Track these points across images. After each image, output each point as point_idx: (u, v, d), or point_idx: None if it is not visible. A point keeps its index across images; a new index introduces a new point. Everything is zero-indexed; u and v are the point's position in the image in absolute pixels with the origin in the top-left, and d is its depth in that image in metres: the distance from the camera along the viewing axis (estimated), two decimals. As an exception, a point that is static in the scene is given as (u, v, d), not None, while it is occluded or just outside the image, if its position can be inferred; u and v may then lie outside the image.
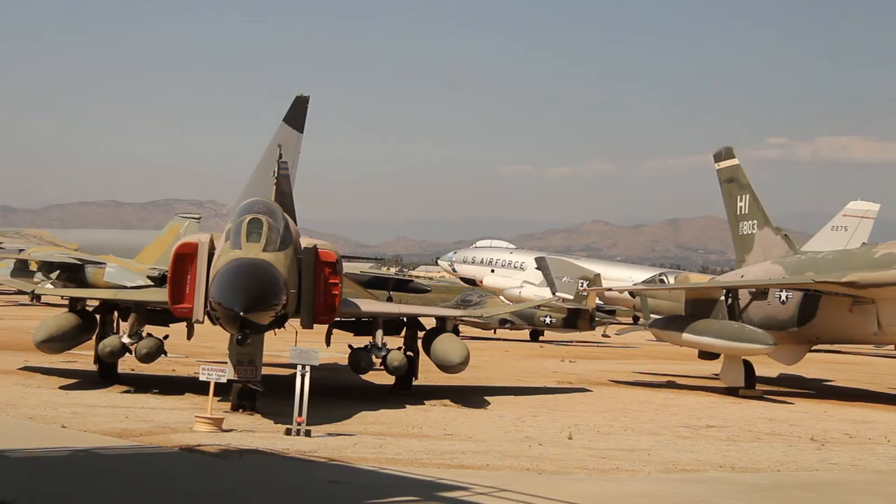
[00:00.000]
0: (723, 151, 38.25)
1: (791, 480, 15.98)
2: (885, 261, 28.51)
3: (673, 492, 14.44)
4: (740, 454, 18.73)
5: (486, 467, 16.06)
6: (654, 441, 20.01)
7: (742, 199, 36.99)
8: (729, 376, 30.17)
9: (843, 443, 20.82)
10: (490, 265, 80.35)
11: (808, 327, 30.81)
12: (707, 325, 30.60)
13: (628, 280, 66.42)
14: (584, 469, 16.29)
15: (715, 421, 23.63)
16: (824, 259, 32.03)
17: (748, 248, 36.49)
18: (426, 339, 26.69)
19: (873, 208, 52.24)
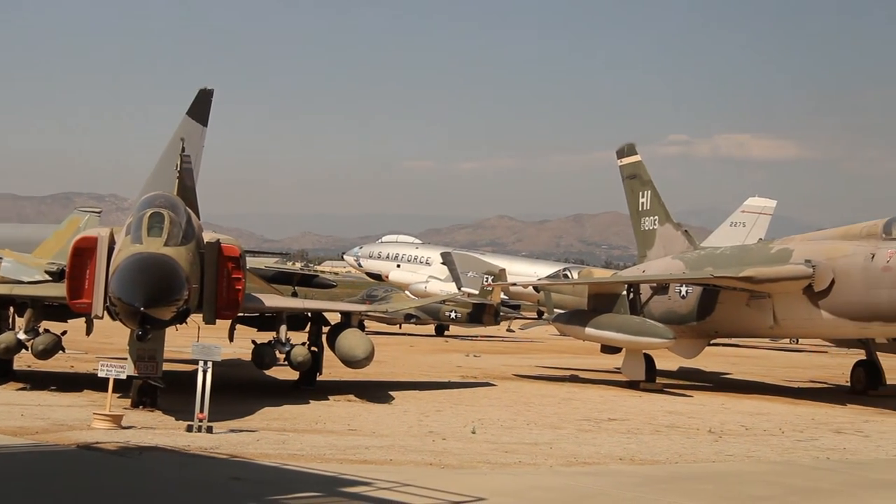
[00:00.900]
0: (625, 148, 38.77)
1: (689, 472, 16.27)
2: (780, 256, 29.15)
3: (574, 485, 14.61)
4: (640, 447, 19.01)
5: (390, 462, 16.08)
6: (557, 435, 20.21)
7: (644, 195, 37.55)
8: (630, 370, 30.59)
9: (739, 434, 21.24)
10: (396, 260, 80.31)
11: (707, 321, 31.37)
12: (609, 319, 30.95)
13: (533, 275, 66.81)
14: (487, 463, 16.39)
15: (616, 414, 23.94)
16: (723, 254, 32.67)
17: (650, 243, 37.06)
18: (331, 334, 26.60)
19: (770, 204, 53.34)
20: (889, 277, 25.56)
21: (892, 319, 26.01)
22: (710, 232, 57.37)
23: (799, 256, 28.37)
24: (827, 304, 27.35)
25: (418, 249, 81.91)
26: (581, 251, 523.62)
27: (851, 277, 26.65)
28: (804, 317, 28.25)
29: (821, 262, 27.47)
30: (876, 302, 26.02)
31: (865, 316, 26.60)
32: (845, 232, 28.02)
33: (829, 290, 27.20)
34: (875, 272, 25.98)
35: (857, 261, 26.61)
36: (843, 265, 26.96)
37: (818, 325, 28.34)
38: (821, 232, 30.09)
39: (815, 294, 27.55)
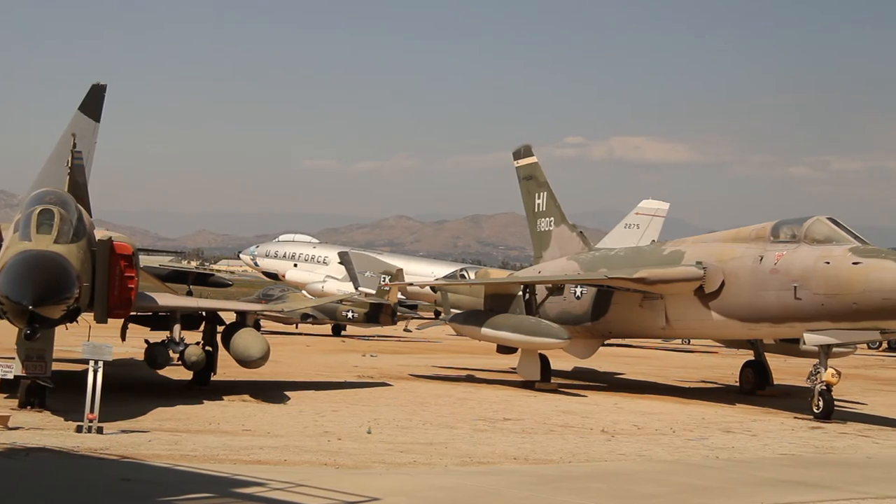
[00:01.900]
0: (522, 149, 39.07)
1: (581, 471, 16.45)
2: (672, 258, 29.66)
3: (468, 484, 14.67)
4: (534, 446, 19.16)
5: (284, 462, 15.97)
6: (452, 434, 20.27)
7: (540, 196, 37.89)
8: (525, 370, 30.82)
9: (631, 434, 21.55)
10: (293, 259, 79.77)
11: (602, 322, 31.78)
12: (505, 319, 31.14)
13: (430, 275, 66.97)
14: (382, 463, 16.37)
15: (511, 414, 24.10)
16: (616, 256, 33.12)
17: (545, 244, 37.41)
18: (226, 333, 26.34)
19: (663, 207, 54.06)
20: (776, 279, 26.14)
21: (779, 321, 26.60)
22: (605, 233, 57.97)
23: (690, 258, 28.89)
24: (717, 306, 27.89)
25: (316, 249, 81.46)
26: (478, 251, 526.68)
27: (740, 279, 27.22)
28: (695, 318, 28.76)
29: (711, 264, 28.00)
30: (764, 303, 26.60)
31: (754, 317, 27.17)
32: (735, 234, 28.61)
33: (720, 291, 27.73)
34: (763, 274, 26.56)
35: (746, 263, 27.18)
36: (732, 267, 27.52)
37: (708, 325, 28.86)
38: (712, 234, 30.67)
39: (705, 295, 28.07)
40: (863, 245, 25.35)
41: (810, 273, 25.35)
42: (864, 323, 24.86)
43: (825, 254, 25.30)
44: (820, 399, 25.14)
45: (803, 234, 26.15)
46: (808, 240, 25.98)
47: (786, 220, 27.20)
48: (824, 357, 25.46)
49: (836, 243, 25.46)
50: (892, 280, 23.81)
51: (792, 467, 17.69)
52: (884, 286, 23.93)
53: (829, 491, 15.10)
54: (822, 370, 25.14)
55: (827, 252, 25.31)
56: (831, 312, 25.03)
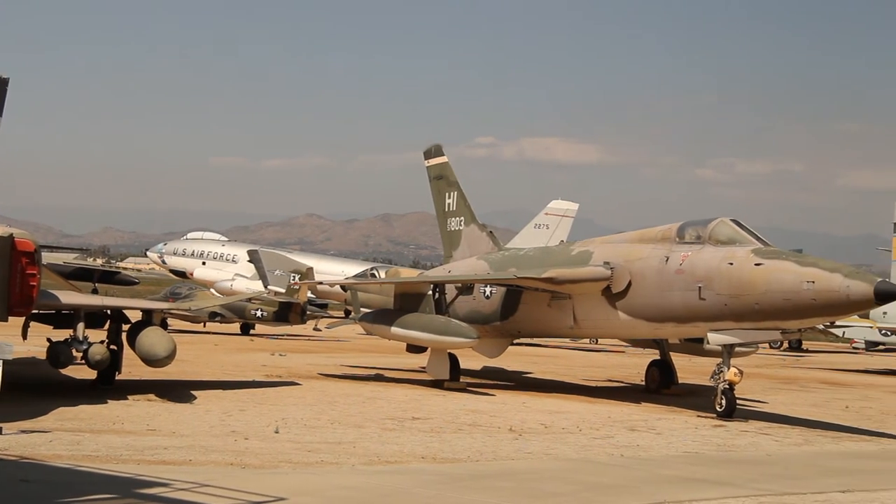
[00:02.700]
0: (432, 149, 39.15)
1: (489, 470, 16.53)
2: (580, 258, 29.94)
3: (375, 483, 14.66)
4: (442, 445, 19.21)
5: (189, 462, 15.79)
6: (360, 434, 20.23)
7: (450, 196, 37.99)
8: (435, 369, 30.87)
9: (538, 432, 21.70)
10: (201, 257, 78.97)
11: (511, 321, 31.95)
12: (415, 318, 31.16)
13: (341, 274, 66.78)
14: (289, 463, 16.28)
15: (420, 413, 24.12)
16: (526, 256, 33.35)
17: (456, 243, 37.52)
18: (131, 332, 25.93)
19: (572, 207, 54.63)
20: (682, 280, 26.54)
21: (684, 320, 27.00)
22: (516, 233, 58.42)
23: (598, 258, 29.19)
24: (624, 306, 28.22)
25: (225, 247, 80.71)
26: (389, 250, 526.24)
27: (647, 279, 27.57)
28: (602, 317, 29.06)
29: (619, 265, 28.32)
30: (669, 303, 26.98)
31: (659, 317, 27.54)
32: (642, 235, 28.98)
33: (626, 291, 28.06)
34: (669, 275, 26.94)
35: (652, 263, 27.54)
36: (639, 267, 27.87)
37: (615, 325, 29.18)
38: (619, 235, 31.02)
39: (612, 295, 28.38)
40: (765, 246, 25.85)
41: (714, 274, 25.79)
42: (766, 323, 25.36)
43: (729, 255, 25.75)
44: (723, 398, 25.57)
45: (707, 236, 26.59)
46: (712, 241, 26.42)
47: (691, 221, 27.63)
48: (727, 356, 25.91)
49: (739, 244, 25.93)
50: (793, 281, 24.32)
51: (694, 465, 17.97)
52: (784, 287, 24.43)
53: (730, 488, 15.38)
54: (725, 369, 25.58)
55: (730, 253, 25.77)
56: (734, 312, 25.49)
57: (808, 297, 24.12)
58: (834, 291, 23.84)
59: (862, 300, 23.88)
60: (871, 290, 23.53)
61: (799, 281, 24.21)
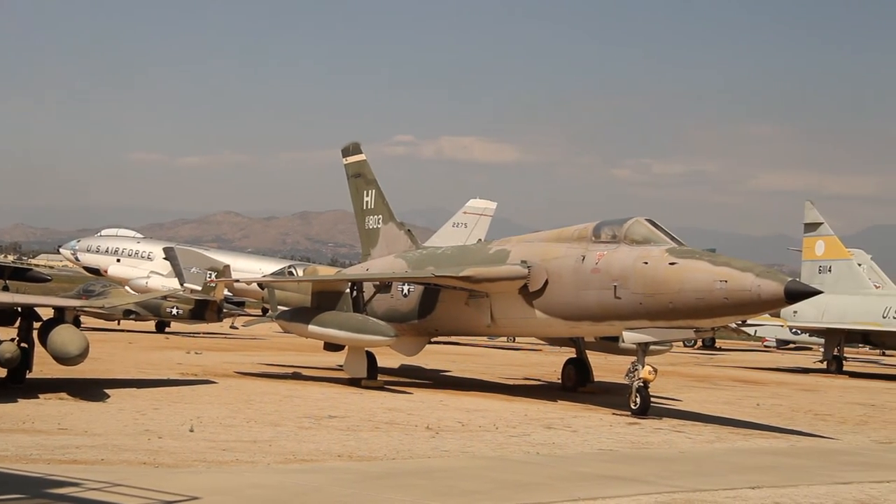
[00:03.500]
0: (350, 147, 39.07)
1: (405, 468, 16.54)
2: (498, 257, 30.08)
3: (290, 482, 14.58)
4: (359, 443, 19.17)
5: (102, 462, 15.56)
6: (276, 432, 20.10)
7: (368, 194, 37.94)
8: (352, 367, 30.79)
9: (455, 431, 21.75)
10: (116, 254, 77.95)
11: (428, 320, 32.00)
12: (332, 317, 31.07)
13: (258, 272, 66.38)
14: (204, 461, 16.12)
15: (337, 411, 24.04)
16: (444, 254, 33.42)
17: (374, 242, 37.49)
18: (43, 329, 25.47)
19: (491, 206, 54.95)
20: (597, 279, 26.79)
21: (600, 319, 27.25)
22: (434, 232, 58.57)
23: (516, 257, 29.36)
24: (540, 304, 28.41)
25: (140, 244, 79.73)
26: (307, 248, 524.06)
27: (563, 278, 27.78)
28: (519, 316, 29.22)
29: (536, 263, 28.51)
30: (585, 302, 27.22)
31: (575, 315, 27.77)
32: (559, 234, 29.20)
33: (543, 290, 28.25)
34: (585, 274, 27.18)
35: (568, 262, 27.76)
36: (555, 266, 28.07)
37: (532, 324, 29.37)
38: (536, 234, 31.21)
39: (529, 294, 28.56)
40: (679, 246, 26.20)
41: (629, 273, 26.08)
42: (680, 322, 25.68)
43: (644, 254, 26.06)
44: (637, 395, 25.85)
45: (623, 235, 26.87)
46: (627, 240, 26.71)
47: (607, 220, 27.90)
48: (642, 355, 26.20)
49: (654, 244, 26.25)
50: (706, 280, 24.68)
51: (609, 462, 18.15)
52: (698, 286, 24.78)
53: (643, 485, 15.56)
54: (640, 367, 25.85)
55: (645, 252, 26.08)
56: (649, 311, 25.79)
57: (721, 296, 24.48)
58: (746, 291, 24.23)
59: (773, 299, 24.30)
60: (781, 290, 23.96)
61: (712, 280, 24.58)
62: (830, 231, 54.34)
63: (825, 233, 54.15)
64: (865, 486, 15.87)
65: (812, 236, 54.54)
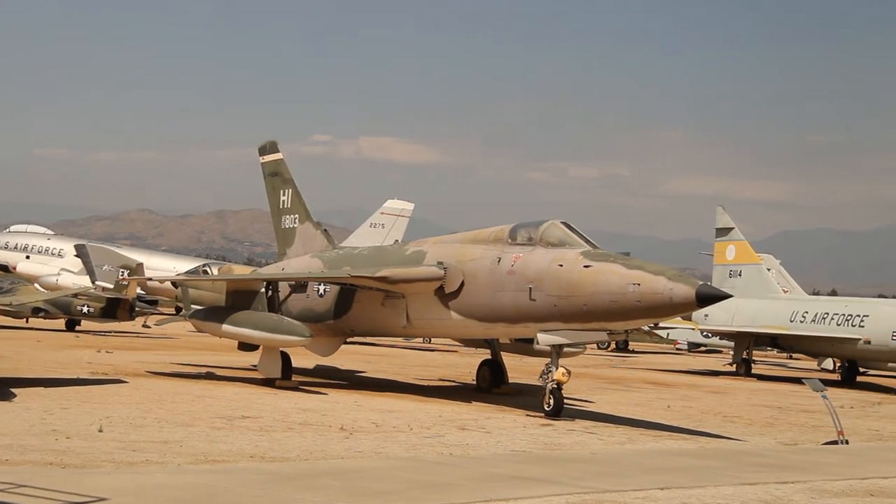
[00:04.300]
0: (267, 145, 38.83)
1: (318, 468, 16.46)
2: (414, 258, 30.11)
3: (201, 483, 14.41)
4: (272, 444, 19.06)
5: (6, 462, 15.28)
6: (188, 432, 19.90)
7: (285, 193, 37.72)
8: (266, 367, 30.59)
9: (369, 431, 21.73)
10: (25, 251, 76.50)
11: (344, 320, 31.91)
12: (247, 316, 30.88)
13: (172, 270, 65.70)
14: (113, 462, 15.91)
15: (250, 412, 23.87)
16: (360, 254, 33.35)
17: (290, 241, 37.28)
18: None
19: (408, 207, 54.96)
20: (513, 281, 26.94)
21: (515, 321, 27.41)
22: (351, 232, 58.42)
23: (432, 258, 29.40)
24: (456, 305, 28.49)
25: (50, 241, 78.33)
26: (223, 247, 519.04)
27: (479, 280, 27.90)
28: (435, 317, 29.28)
29: (452, 265, 28.59)
30: (500, 304, 27.36)
31: (491, 317, 27.90)
32: (475, 236, 29.31)
33: (459, 291, 28.34)
34: (500, 275, 27.32)
35: (484, 264, 27.88)
36: (471, 268, 28.18)
37: (448, 325, 29.46)
38: (453, 235, 31.31)
39: (445, 295, 28.63)
40: (593, 249, 26.46)
41: (544, 275, 26.27)
42: (594, 324, 25.95)
43: (559, 257, 26.27)
44: (551, 397, 26.04)
45: (539, 238, 27.07)
46: (543, 243, 26.91)
47: (523, 223, 28.08)
48: (556, 356, 26.41)
49: (568, 247, 26.48)
50: (619, 283, 24.96)
51: (521, 463, 18.24)
52: (611, 289, 25.06)
53: (555, 486, 15.65)
54: (554, 369, 26.05)
55: (560, 255, 26.29)
56: (563, 313, 26.00)
57: (634, 298, 24.78)
58: (658, 294, 24.55)
59: (684, 302, 24.66)
60: (692, 293, 24.32)
61: (625, 283, 24.86)
62: (741, 236, 55.33)
63: (736, 237, 55.10)
64: (771, 487, 16.14)
65: (723, 241, 55.47)
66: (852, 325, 46.13)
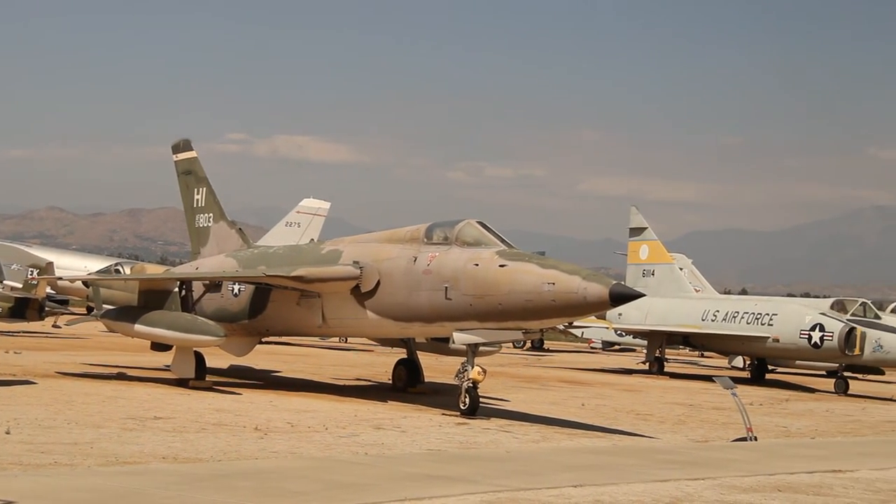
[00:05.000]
0: (181, 143, 38.39)
1: (231, 469, 16.32)
2: (330, 257, 30.01)
3: (112, 485, 14.21)
4: (185, 445, 18.86)
5: None
6: (99, 434, 19.61)
7: (199, 191, 37.32)
8: (180, 368, 30.27)
9: (284, 431, 21.61)
10: (-70, 250, 74.68)
11: (259, 320, 31.69)
12: (160, 316, 30.52)
13: (83, 269, 64.70)
14: (20, 464, 15.62)
15: (163, 412, 23.59)
16: (276, 254, 33.14)
17: (204, 240, 36.90)
18: None
19: (324, 206, 54.67)
20: (429, 280, 26.98)
21: (431, 320, 27.45)
22: (267, 231, 58.00)
23: (348, 258, 29.32)
24: (372, 305, 28.45)
25: (-43, 239, 76.64)
26: (136, 246, 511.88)
27: (395, 279, 27.89)
28: (351, 316, 29.20)
29: (368, 264, 28.53)
30: (416, 303, 27.38)
31: (407, 316, 27.91)
32: (391, 235, 29.29)
33: (375, 291, 28.30)
34: (416, 275, 27.34)
35: (400, 264, 27.88)
36: (387, 267, 28.16)
37: (364, 324, 29.39)
38: (369, 234, 31.26)
39: (361, 295, 28.57)
40: (509, 249, 26.60)
41: (460, 274, 26.34)
42: (509, 323, 26.09)
43: (474, 256, 26.36)
44: (466, 396, 26.12)
45: (455, 237, 27.14)
46: (459, 242, 26.98)
47: (439, 222, 28.14)
48: (472, 355, 26.48)
49: (484, 246, 26.58)
50: (534, 282, 25.12)
51: (437, 462, 18.27)
52: (526, 288, 25.21)
53: (470, 484, 15.70)
54: (470, 368, 26.12)
55: (476, 255, 26.38)
56: (479, 313, 26.10)
57: (549, 298, 24.96)
58: (572, 293, 24.76)
59: (598, 302, 24.90)
60: (606, 293, 24.57)
61: (540, 282, 25.03)
62: (654, 236, 56.01)
63: (649, 237, 55.77)
64: (681, 484, 16.38)
65: (637, 240, 56.10)
66: (761, 323, 46.93)
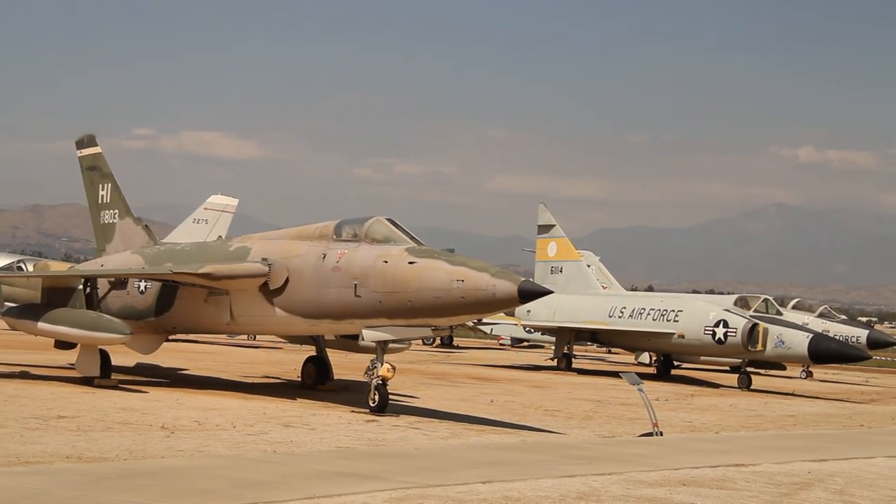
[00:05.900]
0: (85, 139, 37.81)
1: (138, 468, 16.16)
2: (238, 254, 29.79)
3: (14, 485, 13.97)
4: (90, 444, 18.60)
5: None
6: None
7: (104, 187, 36.80)
8: (84, 366, 29.82)
9: (192, 430, 21.42)
10: None
11: (166, 317, 31.37)
12: (64, 314, 30.05)
13: (-16, 266, 63.18)
14: (-82, 467, 15.25)
15: (67, 411, 23.23)
16: (183, 251, 32.81)
17: (109, 237, 36.41)
18: None
19: (232, 203, 54.16)
20: (338, 277, 26.93)
21: (340, 317, 27.40)
22: (174, 227, 57.29)
23: (256, 255, 29.15)
24: (281, 302, 28.32)
25: None
26: (40, 243, 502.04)
27: (304, 276, 27.80)
28: (260, 314, 29.04)
29: (277, 261, 28.39)
30: (325, 300, 27.32)
31: (316, 314, 27.83)
32: (300, 232, 29.17)
33: (284, 288, 28.18)
34: (325, 272, 27.28)
35: (309, 261, 27.79)
36: (296, 264, 28.05)
37: (273, 322, 29.23)
38: (278, 231, 31.10)
39: (270, 292, 28.42)
40: (418, 246, 26.66)
41: (369, 271, 26.34)
42: (419, 320, 26.16)
43: (384, 253, 26.37)
44: (376, 393, 26.13)
45: (364, 234, 27.12)
46: (368, 239, 26.97)
47: (348, 219, 28.10)
48: (381, 353, 26.50)
49: (393, 243, 26.61)
50: (443, 280, 25.22)
51: (346, 460, 18.29)
52: (435, 285, 25.30)
53: (379, 481, 15.75)
54: (379, 365, 26.13)
55: (385, 252, 26.40)
56: (388, 310, 26.12)
57: (458, 295, 25.07)
58: (481, 290, 24.90)
59: (507, 298, 25.07)
60: (515, 289, 24.75)
61: (449, 280, 25.13)
62: (562, 233, 56.55)
63: (557, 234, 56.30)
64: (588, 479, 16.61)
65: (545, 238, 56.60)
66: (667, 320, 47.66)
